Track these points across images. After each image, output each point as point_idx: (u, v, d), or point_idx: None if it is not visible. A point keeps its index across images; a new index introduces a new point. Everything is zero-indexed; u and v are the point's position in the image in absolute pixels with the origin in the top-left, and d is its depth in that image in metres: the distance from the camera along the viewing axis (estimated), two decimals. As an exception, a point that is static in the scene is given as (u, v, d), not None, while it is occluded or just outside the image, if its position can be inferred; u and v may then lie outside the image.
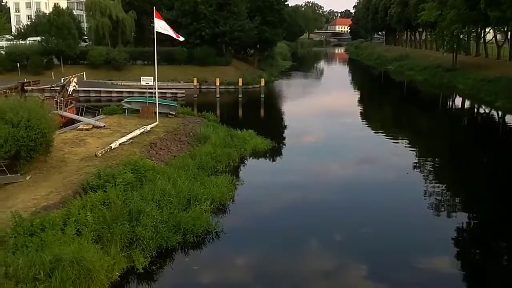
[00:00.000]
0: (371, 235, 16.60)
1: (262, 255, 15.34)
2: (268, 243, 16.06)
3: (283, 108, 47.64)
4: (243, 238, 16.46)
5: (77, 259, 11.70)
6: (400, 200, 20.35)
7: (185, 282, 13.72)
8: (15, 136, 17.85)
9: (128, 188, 17.19)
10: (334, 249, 15.80)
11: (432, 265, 14.56)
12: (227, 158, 24.27)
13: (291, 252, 15.33)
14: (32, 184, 18.17)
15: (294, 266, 14.49)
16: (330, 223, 17.78)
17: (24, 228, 13.08)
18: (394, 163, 26.34)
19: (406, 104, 52.21)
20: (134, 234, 14.34)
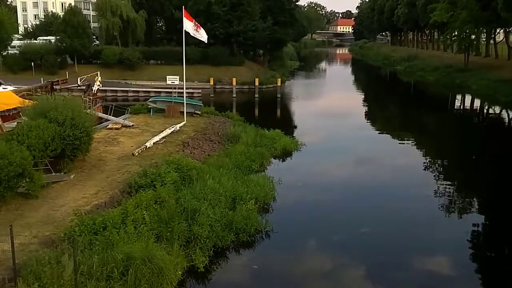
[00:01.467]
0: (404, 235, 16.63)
1: (314, 253, 15.34)
2: (318, 241, 16.08)
3: (299, 108, 47.55)
4: (292, 237, 16.38)
5: (148, 257, 11.67)
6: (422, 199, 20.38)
7: (247, 281, 13.64)
8: (61, 135, 17.83)
9: (176, 187, 17.18)
10: (381, 245, 15.77)
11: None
12: (260, 158, 24.25)
13: (341, 249, 15.40)
14: (77, 182, 18.13)
15: (345, 262, 14.58)
16: (373, 220, 17.79)
17: (87, 227, 13.03)
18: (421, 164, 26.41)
19: (422, 105, 52.10)
20: (192, 233, 14.32)
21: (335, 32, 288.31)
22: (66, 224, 14.28)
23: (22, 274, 10.85)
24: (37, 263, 10.87)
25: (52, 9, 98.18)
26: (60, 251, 11.51)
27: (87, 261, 11.21)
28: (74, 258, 10.55)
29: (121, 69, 57.15)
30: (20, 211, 15.30)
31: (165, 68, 59.75)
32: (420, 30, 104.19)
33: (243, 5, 57.38)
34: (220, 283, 13.39)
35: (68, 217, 14.96)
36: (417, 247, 15.64)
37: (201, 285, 13.10)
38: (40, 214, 15.16)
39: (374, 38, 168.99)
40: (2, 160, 14.52)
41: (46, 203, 16.02)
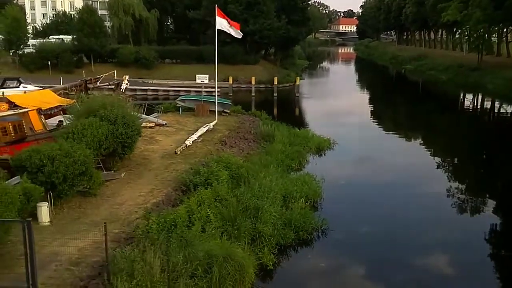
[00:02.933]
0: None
1: (375, 251, 15.34)
2: (374, 239, 16.09)
3: (318, 107, 47.65)
4: (349, 235, 16.43)
5: (229, 255, 11.71)
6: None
7: (317, 280, 13.67)
8: (114, 133, 17.87)
9: (230, 185, 17.24)
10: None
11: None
12: (298, 156, 24.32)
13: (397, 246, 15.56)
14: (129, 181, 18.19)
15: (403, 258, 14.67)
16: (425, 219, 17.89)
17: (159, 225, 13.07)
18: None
19: (440, 104, 52.14)
20: (256, 231, 14.37)
21: (337, 31, 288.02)
22: (132, 222, 14.40)
23: (110, 271, 10.86)
24: (124, 260, 10.88)
25: (60, 8, 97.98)
26: (141, 248, 11.52)
27: (171, 258, 11.21)
28: (167, 255, 10.60)
29: (136, 68, 57.07)
30: (82, 209, 15.36)
31: (181, 67, 59.96)
32: (428, 29, 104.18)
33: (259, 4, 57.40)
34: (289, 281, 13.44)
35: (131, 215, 15.06)
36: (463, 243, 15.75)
37: (272, 283, 13.14)
38: (102, 212, 15.22)
39: (378, 37, 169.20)
40: (67, 158, 14.57)
41: (105, 201, 16.08)
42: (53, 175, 14.16)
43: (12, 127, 19.49)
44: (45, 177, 14.19)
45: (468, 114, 46.31)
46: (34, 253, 10.36)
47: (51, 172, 14.17)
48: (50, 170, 14.16)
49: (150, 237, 12.19)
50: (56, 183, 14.27)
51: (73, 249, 12.39)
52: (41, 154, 14.37)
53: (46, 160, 14.25)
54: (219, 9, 29.83)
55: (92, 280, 11.26)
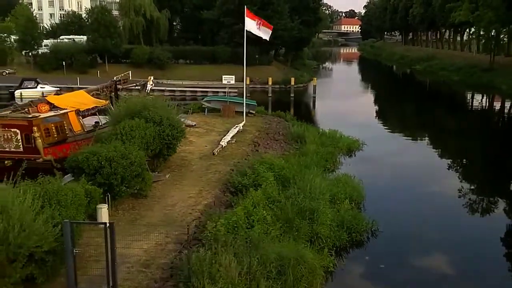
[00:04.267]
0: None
1: (429, 253, 15.39)
2: (426, 241, 16.13)
3: (336, 108, 47.61)
4: (400, 237, 16.44)
5: (300, 257, 11.72)
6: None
7: (379, 281, 13.68)
8: (160, 134, 17.87)
9: (280, 186, 17.26)
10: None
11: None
12: (331, 157, 24.34)
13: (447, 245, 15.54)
14: (174, 182, 18.18)
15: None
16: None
17: (222, 226, 13.06)
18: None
19: (457, 106, 52.23)
20: (314, 232, 14.38)
21: (339, 32, 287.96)
22: (190, 223, 14.39)
23: (185, 274, 10.84)
24: (199, 263, 10.87)
25: (68, 7, 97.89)
26: (214, 250, 11.51)
27: (245, 260, 11.20)
28: (250, 257, 10.60)
29: (150, 69, 56.98)
30: (136, 210, 15.36)
31: (195, 68, 59.97)
32: (436, 30, 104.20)
33: (273, 4, 57.41)
34: (353, 283, 13.45)
35: (186, 216, 15.06)
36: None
37: (336, 285, 13.14)
38: (156, 213, 15.22)
39: (381, 38, 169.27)
40: (124, 160, 14.58)
41: (157, 203, 16.08)
42: (112, 177, 14.17)
43: (54, 128, 19.49)
44: (104, 179, 14.19)
45: (489, 116, 46.24)
46: (115, 256, 10.38)
47: (109, 173, 14.18)
48: (108, 172, 14.17)
49: (219, 239, 12.16)
50: (114, 184, 14.27)
51: (138, 250, 12.38)
52: (98, 156, 14.37)
53: (104, 162, 14.25)
54: (249, 10, 29.54)
55: (166, 282, 11.28)
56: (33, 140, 18.61)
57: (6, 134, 18.50)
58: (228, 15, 58.33)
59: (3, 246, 9.04)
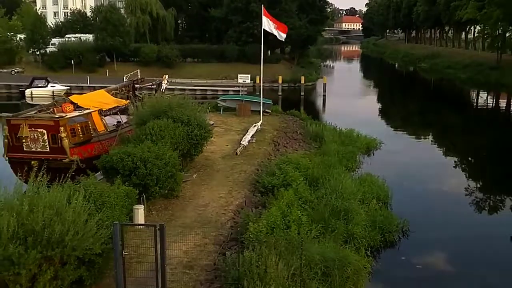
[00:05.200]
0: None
1: (464, 253, 15.38)
2: (458, 240, 16.14)
3: (346, 107, 47.34)
4: (431, 236, 16.39)
5: (344, 258, 11.69)
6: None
7: (417, 281, 13.65)
8: (189, 134, 17.84)
9: (308, 186, 17.21)
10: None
11: None
12: (352, 156, 24.28)
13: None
14: (202, 182, 18.16)
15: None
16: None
17: (264, 228, 13.00)
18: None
19: (465, 104, 52.18)
20: (349, 232, 14.34)
21: (340, 29, 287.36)
22: (225, 224, 14.40)
23: (233, 276, 10.80)
24: (246, 264, 10.83)
25: (72, 6, 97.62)
26: (258, 252, 11.47)
27: (292, 262, 11.15)
28: (300, 259, 10.58)
29: (159, 67, 56.80)
30: (170, 211, 15.34)
31: (203, 66, 59.87)
32: (440, 28, 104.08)
33: (281, 3, 57.27)
34: (392, 284, 13.41)
35: (220, 217, 15.05)
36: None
37: (377, 286, 13.11)
38: (190, 214, 15.20)
39: (383, 35, 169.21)
40: (159, 160, 14.54)
41: (188, 203, 16.05)
42: (147, 178, 14.13)
43: (80, 128, 19.43)
44: (139, 180, 14.15)
45: (505, 114, 46.17)
46: (165, 257, 10.34)
47: (144, 174, 14.14)
48: (143, 173, 14.13)
49: (261, 240, 12.12)
50: (150, 185, 14.23)
51: (179, 252, 12.32)
52: (133, 157, 14.33)
53: (139, 163, 14.21)
54: (265, 9, 29.44)
55: (211, 284, 11.25)
56: (60, 140, 18.55)
57: (33, 135, 18.44)
58: (236, 14, 58.19)
59: (59, 248, 8.99)
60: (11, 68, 55.24)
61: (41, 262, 8.91)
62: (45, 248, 8.85)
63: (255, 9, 57.13)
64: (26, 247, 8.69)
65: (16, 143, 18.73)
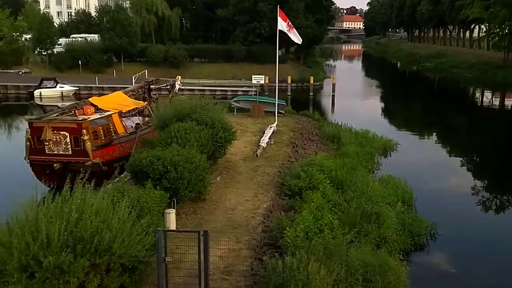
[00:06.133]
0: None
1: (497, 255, 15.26)
2: (489, 242, 16.03)
3: (353, 106, 47.27)
4: (461, 240, 16.31)
5: (385, 264, 11.57)
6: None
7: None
8: (214, 137, 17.72)
9: (335, 188, 17.10)
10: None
11: None
12: (371, 158, 24.18)
13: None
14: (226, 185, 18.03)
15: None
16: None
17: (301, 233, 12.87)
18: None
19: (475, 103, 52.05)
20: (381, 236, 14.23)
21: (341, 28, 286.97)
22: (256, 227, 14.28)
23: (275, 282, 10.68)
24: (287, 270, 10.71)
25: (75, 6, 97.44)
26: (297, 257, 11.35)
27: (334, 268, 11.03)
28: (346, 264, 10.46)
29: (166, 67, 56.67)
30: (199, 214, 15.21)
31: (210, 66, 59.71)
32: (444, 27, 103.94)
33: (288, 2, 57.06)
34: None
35: (250, 220, 14.94)
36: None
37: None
38: (219, 217, 15.07)
39: (385, 35, 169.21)
40: (189, 164, 14.42)
41: (216, 206, 15.93)
42: (179, 181, 14.01)
43: (102, 130, 19.35)
44: (169, 184, 14.03)
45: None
46: (209, 264, 10.24)
47: (175, 178, 14.02)
48: (174, 177, 14.01)
49: (298, 245, 11.99)
50: (180, 189, 14.11)
51: (214, 257, 12.19)
52: (163, 161, 14.21)
53: (170, 167, 14.09)
54: (281, 11, 29.30)
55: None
56: (82, 143, 18.48)
57: (55, 137, 18.35)
58: (243, 14, 58.04)
59: (107, 256, 8.88)
60: (19, 68, 55.09)
61: (88, 270, 8.80)
62: (93, 256, 8.74)
63: (262, 9, 57.13)
64: (75, 255, 8.58)
65: (38, 146, 18.67)
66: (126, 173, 18.75)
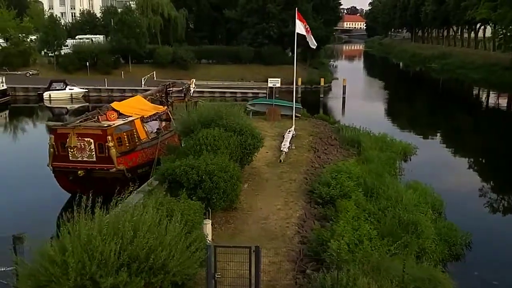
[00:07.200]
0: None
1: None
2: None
3: (364, 108, 46.94)
4: (495, 248, 16.02)
5: (433, 277, 11.27)
6: None
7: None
8: (242, 144, 17.39)
9: (366, 196, 16.80)
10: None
11: None
12: (393, 162, 23.87)
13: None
14: (254, 192, 17.71)
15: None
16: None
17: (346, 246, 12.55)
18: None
19: (482, 104, 51.85)
20: (421, 247, 13.92)
21: (341, 28, 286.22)
22: (292, 238, 13.98)
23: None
24: (336, 285, 10.40)
25: (79, 6, 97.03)
26: (345, 271, 11.03)
27: (382, 282, 10.73)
28: (402, 280, 10.15)
29: (174, 69, 56.38)
30: (232, 224, 14.90)
31: (218, 67, 59.37)
32: (448, 27, 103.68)
33: (297, 3, 56.64)
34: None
35: (285, 230, 14.63)
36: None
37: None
38: (252, 227, 14.77)
39: (386, 35, 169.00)
40: (223, 173, 14.10)
41: (248, 215, 15.62)
42: (214, 191, 13.69)
43: (126, 137, 19.04)
44: (204, 193, 13.71)
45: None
46: (260, 279, 9.94)
47: (211, 188, 13.69)
48: (210, 186, 13.68)
49: (342, 258, 11.68)
50: (216, 199, 13.80)
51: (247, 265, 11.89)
52: (197, 170, 13.88)
53: (205, 176, 13.77)
54: (299, 13, 29.02)
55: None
56: (107, 150, 18.17)
57: (79, 144, 18.03)
58: (252, 15, 57.73)
59: (161, 275, 8.55)
60: (26, 70, 54.72)
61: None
62: (148, 275, 8.43)
63: (271, 10, 56.82)
64: (129, 274, 8.27)
65: (62, 153, 18.35)
66: (151, 180, 18.50)
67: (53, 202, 19.11)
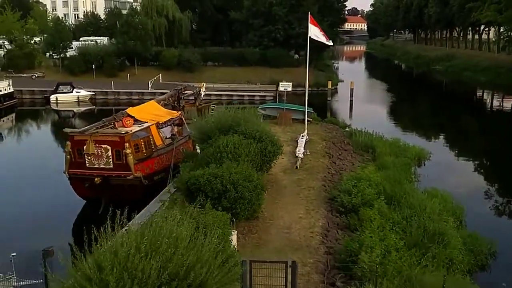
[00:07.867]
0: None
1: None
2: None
3: (371, 112, 46.72)
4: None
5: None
6: None
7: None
8: (262, 151, 17.19)
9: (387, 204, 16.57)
10: None
11: None
12: (408, 168, 23.65)
13: None
14: (274, 200, 17.47)
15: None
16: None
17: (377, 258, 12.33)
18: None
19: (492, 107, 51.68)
20: (448, 258, 13.70)
21: (343, 29, 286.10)
22: (318, 248, 13.79)
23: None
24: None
25: (82, 8, 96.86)
26: (379, 285, 10.85)
27: None
28: None
29: (179, 71, 56.11)
30: (255, 234, 14.69)
31: (224, 70, 59.13)
32: (452, 29, 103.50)
33: (303, 6, 56.58)
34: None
35: (310, 240, 14.45)
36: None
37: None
38: (276, 237, 14.57)
39: (388, 36, 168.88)
40: (247, 182, 13.89)
41: (270, 224, 15.42)
42: (239, 201, 13.48)
43: (143, 143, 18.83)
44: (229, 203, 13.50)
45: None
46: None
47: (236, 198, 13.49)
48: (235, 196, 13.48)
49: (374, 271, 11.47)
50: (241, 209, 13.59)
51: (283, 280, 11.68)
52: (221, 179, 13.67)
53: (229, 185, 13.56)
54: (312, 17, 28.81)
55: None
56: (124, 157, 17.94)
57: (97, 151, 17.81)
58: (258, 17, 57.55)
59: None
60: (32, 72, 54.50)
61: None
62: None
63: (277, 13, 56.61)
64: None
65: (79, 160, 18.13)
66: (168, 188, 18.31)
67: (67, 208, 18.95)
